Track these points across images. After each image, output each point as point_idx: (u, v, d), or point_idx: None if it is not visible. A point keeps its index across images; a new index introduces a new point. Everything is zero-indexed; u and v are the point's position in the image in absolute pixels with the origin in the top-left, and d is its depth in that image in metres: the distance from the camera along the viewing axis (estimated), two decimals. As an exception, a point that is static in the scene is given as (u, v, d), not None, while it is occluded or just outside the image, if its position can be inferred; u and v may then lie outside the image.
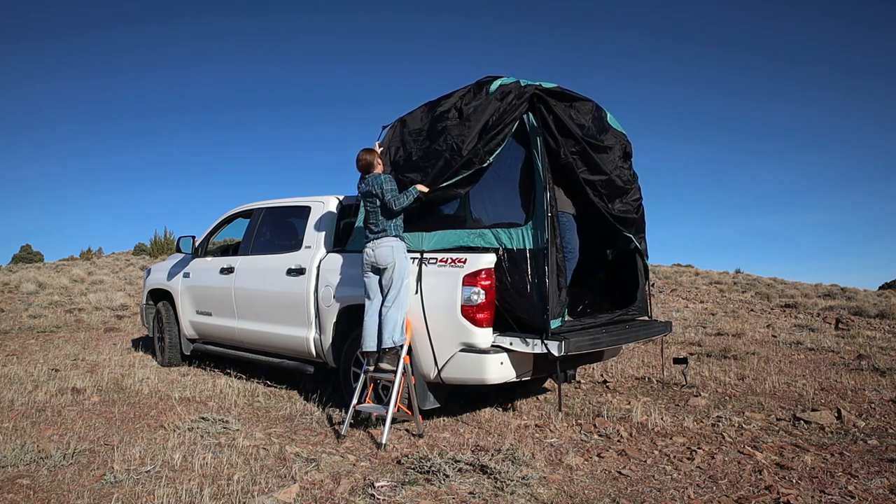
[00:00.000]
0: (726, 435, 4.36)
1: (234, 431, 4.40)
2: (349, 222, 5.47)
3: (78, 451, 3.95)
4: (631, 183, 5.03)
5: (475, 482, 3.41)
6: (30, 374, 6.45)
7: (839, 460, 3.85)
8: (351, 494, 3.30)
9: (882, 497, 3.27)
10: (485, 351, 4.25)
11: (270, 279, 5.73)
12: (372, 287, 4.54)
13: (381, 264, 4.45)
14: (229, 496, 3.23)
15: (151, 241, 28.64)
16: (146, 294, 7.76)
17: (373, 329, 4.44)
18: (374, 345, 4.40)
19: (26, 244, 33.85)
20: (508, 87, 4.43)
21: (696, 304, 14.87)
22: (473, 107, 4.53)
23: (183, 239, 6.92)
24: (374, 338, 4.41)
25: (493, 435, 4.46)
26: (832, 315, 12.51)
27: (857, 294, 18.88)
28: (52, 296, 15.00)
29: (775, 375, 6.37)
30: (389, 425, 4.18)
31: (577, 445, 4.21)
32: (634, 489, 3.44)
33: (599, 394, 5.70)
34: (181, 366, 7.12)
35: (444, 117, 4.66)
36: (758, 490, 3.38)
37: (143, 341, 8.71)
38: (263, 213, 6.34)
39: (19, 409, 5.08)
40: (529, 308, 4.24)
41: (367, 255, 4.52)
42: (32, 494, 3.28)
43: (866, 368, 6.70)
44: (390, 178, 4.57)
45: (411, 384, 4.39)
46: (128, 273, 21.49)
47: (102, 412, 5.04)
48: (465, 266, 4.30)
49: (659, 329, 5.33)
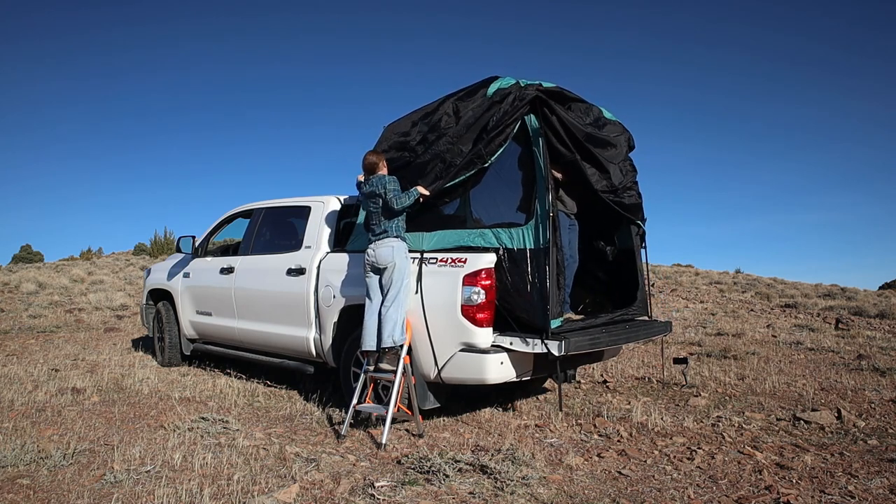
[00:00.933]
0: (726, 435, 4.36)
1: (234, 431, 4.40)
2: (349, 222, 5.47)
3: (78, 451, 3.95)
4: (634, 172, 5.13)
5: (475, 482, 3.41)
6: (30, 374, 6.45)
7: (839, 460, 3.85)
8: (351, 494, 3.30)
9: (882, 497, 3.27)
10: (485, 351, 4.25)
11: (270, 279, 5.73)
12: (372, 287, 4.55)
13: (381, 264, 4.45)
14: (229, 496, 3.23)
15: (151, 241, 28.64)
16: (146, 294, 7.76)
17: (373, 329, 4.44)
18: (374, 344, 4.40)
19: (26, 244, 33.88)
20: (507, 90, 4.43)
21: (696, 304, 14.87)
22: (471, 110, 4.53)
23: (183, 239, 6.92)
24: (374, 337, 4.41)
25: (493, 435, 4.46)
26: (832, 315, 12.51)
27: (857, 294, 18.88)
28: (52, 296, 15.00)
29: (775, 375, 6.37)
30: (389, 425, 4.18)
31: (577, 445, 4.21)
32: (634, 489, 3.44)
33: (599, 394, 5.70)
34: (181, 366, 7.12)
35: (441, 121, 4.67)
36: (758, 490, 3.38)
37: (143, 341, 8.71)
38: (263, 213, 6.33)
39: (19, 409, 5.08)
40: (529, 308, 4.24)
41: (368, 255, 4.52)
42: (32, 494, 3.28)
43: (866, 368, 6.70)
44: (394, 179, 4.57)
45: (411, 384, 4.39)
46: (128, 273, 21.49)
47: (102, 412, 5.04)
48: (465, 266, 4.30)
49: (659, 329, 5.34)
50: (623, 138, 5.05)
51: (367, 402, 4.55)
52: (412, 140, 4.84)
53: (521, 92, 4.38)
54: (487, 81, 4.65)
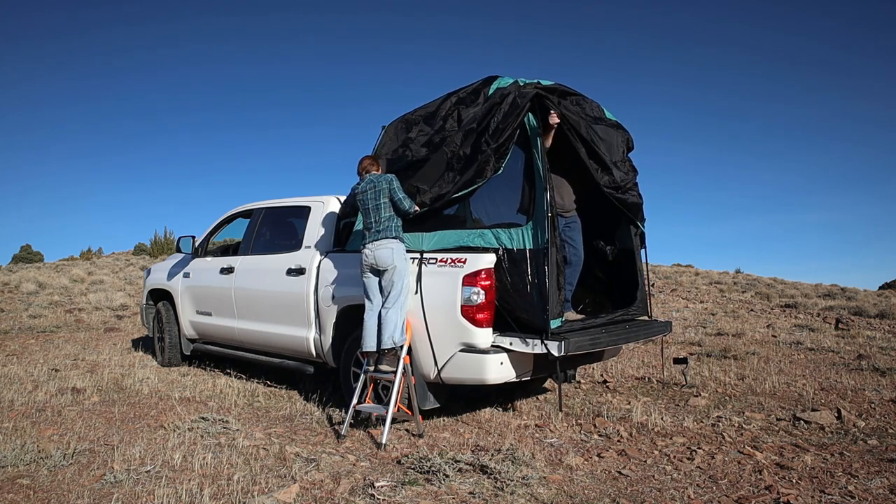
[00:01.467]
0: (726, 435, 4.36)
1: (234, 431, 4.40)
2: (349, 222, 5.47)
3: (78, 451, 3.95)
4: (635, 172, 5.13)
5: (475, 482, 3.41)
6: (30, 374, 6.45)
7: (839, 460, 3.85)
8: (351, 494, 3.30)
9: (882, 497, 3.27)
10: (485, 351, 4.25)
11: (270, 279, 5.73)
12: (372, 288, 4.54)
13: (381, 266, 4.44)
14: (229, 496, 3.23)
15: (151, 241, 28.63)
16: (146, 294, 7.76)
17: (372, 329, 4.44)
18: (373, 345, 4.40)
19: (26, 244, 33.88)
20: (507, 89, 4.43)
21: (696, 304, 14.87)
22: (473, 113, 4.53)
23: (183, 239, 6.92)
24: (374, 338, 4.41)
25: (493, 435, 4.46)
26: (832, 315, 12.50)
27: (857, 294, 18.88)
28: (52, 296, 15.00)
29: (775, 375, 6.37)
30: (389, 425, 4.18)
31: (577, 445, 4.21)
32: (634, 489, 3.44)
33: (599, 394, 5.70)
34: (181, 366, 7.12)
35: (444, 126, 4.66)
36: (758, 490, 3.38)
37: (143, 341, 8.71)
38: (263, 213, 6.33)
39: (19, 409, 5.08)
40: (529, 308, 4.24)
41: (366, 256, 4.51)
42: (32, 494, 3.28)
43: (866, 368, 6.70)
44: (395, 178, 4.57)
45: (411, 384, 4.39)
46: (128, 273, 21.49)
47: (102, 412, 5.04)
48: (465, 266, 4.30)
49: (659, 329, 5.33)
50: (622, 138, 5.05)
51: (367, 402, 4.55)
52: (414, 144, 4.83)
53: (520, 90, 4.38)
54: (488, 81, 4.64)
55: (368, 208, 4.57)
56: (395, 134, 5.05)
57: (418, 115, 4.97)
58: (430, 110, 4.88)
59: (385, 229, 4.48)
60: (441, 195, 4.55)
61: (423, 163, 4.70)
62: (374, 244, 4.47)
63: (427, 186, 4.62)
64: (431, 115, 4.83)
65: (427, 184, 4.62)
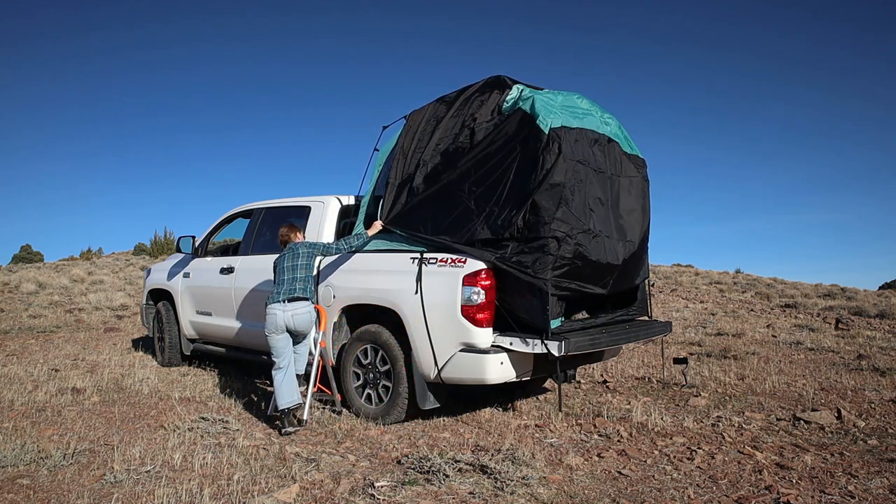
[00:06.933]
0: (726, 435, 4.36)
1: (234, 431, 4.40)
2: (349, 222, 5.47)
3: (78, 451, 3.95)
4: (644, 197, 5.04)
5: (475, 482, 3.41)
6: (30, 374, 6.45)
7: (839, 460, 3.85)
8: (351, 494, 3.30)
9: (882, 497, 3.27)
10: (485, 351, 4.26)
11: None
12: (283, 346, 4.63)
13: (302, 330, 4.65)
14: (229, 496, 3.23)
15: (151, 241, 28.61)
16: (146, 294, 7.75)
17: (290, 382, 4.58)
18: (296, 398, 4.55)
19: (26, 244, 33.85)
20: (524, 116, 4.35)
21: (696, 304, 14.87)
22: (491, 139, 4.47)
23: (183, 239, 6.92)
24: (294, 390, 4.57)
25: (493, 435, 4.46)
26: (832, 315, 12.50)
27: (857, 294, 18.88)
28: (52, 296, 15.00)
29: (775, 375, 6.37)
30: (309, 403, 4.67)
31: (577, 445, 4.21)
32: (634, 489, 3.44)
33: (599, 394, 5.70)
34: (181, 366, 7.12)
35: (454, 151, 4.66)
36: (758, 490, 3.38)
37: (143, 341, 8.71)
38: (263, 213, 6.33)
39: (19, 409, 5.08)
40: (529, 308, 4.24)
41: (281, 317, 4.56)
42: (32, 494, 3.28)
43: (866, 368, 6.70)
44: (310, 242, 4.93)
45: (328, 365, 4.87)
46: (128, 273, 21.48)
47: (102, 412, 5.04)
48: (465, 266, 4.30)
49: (659, 329, 5.33)
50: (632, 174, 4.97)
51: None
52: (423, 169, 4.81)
53: (535, 126, 4.28)
54: (490, 83, 4.64)
55: (286, 271, 4.71)
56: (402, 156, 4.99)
57: (421, 124, 4.97)
58: (438, 119, 4.87)
59: (304, 290, 4.67)
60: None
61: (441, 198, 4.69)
62: (294, 306, 4.61)
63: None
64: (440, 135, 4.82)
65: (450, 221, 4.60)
